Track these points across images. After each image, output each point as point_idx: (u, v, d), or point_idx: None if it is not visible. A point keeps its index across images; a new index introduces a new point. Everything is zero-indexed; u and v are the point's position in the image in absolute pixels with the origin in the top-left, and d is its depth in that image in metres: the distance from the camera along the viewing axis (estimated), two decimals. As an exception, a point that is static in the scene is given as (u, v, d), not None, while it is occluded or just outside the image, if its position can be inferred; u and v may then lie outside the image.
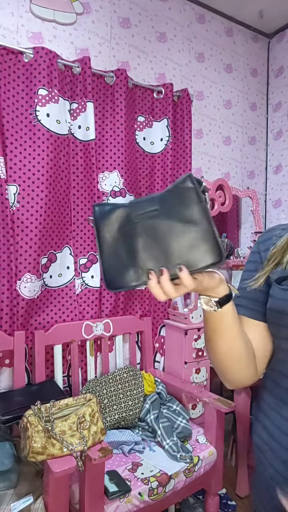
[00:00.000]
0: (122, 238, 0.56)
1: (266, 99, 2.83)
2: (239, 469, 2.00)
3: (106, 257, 0.56)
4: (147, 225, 0.55)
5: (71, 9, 1.90)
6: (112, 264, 0.56)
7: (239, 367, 0.68)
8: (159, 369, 2.15)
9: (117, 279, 0.56)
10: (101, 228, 0.57)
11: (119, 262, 0.56)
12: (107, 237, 0.56)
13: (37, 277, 1.74)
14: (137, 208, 0.56)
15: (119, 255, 0.56)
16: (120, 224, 0.56)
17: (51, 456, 1.17)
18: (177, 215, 0.54)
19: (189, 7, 2.38)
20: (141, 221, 0.55)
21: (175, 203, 0.54)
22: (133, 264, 0.55)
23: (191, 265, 0.54)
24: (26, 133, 1.71)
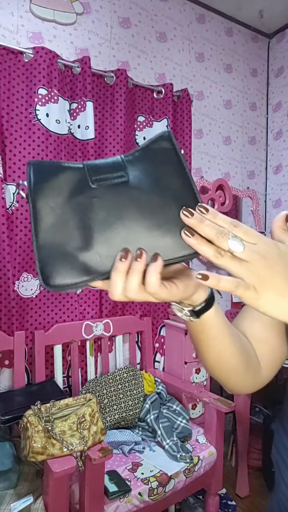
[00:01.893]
0: (69, 213, 0.39)
1: (266, 99, 2.83)
2: (239, 469, 2.00)
3: (45, 240, 0.39)
4: (109, 195, 0.39)
5: (71, 9, 1.90)
6: (53, 249, 0.38)
7: (235, 376, 0.57)
8: (159, 369, 2.15)
9: (61, 272, 0.38)
10: (38, 197, 0.39)
11: (64, 247, 0.38)
12: (46, 211, 0.39)
13: (33, 276, 1.74)
14: (95, 171, 0.41)
15: (65, 236, 0.38)
16: (69, 192, 0.39)
17: (51, 456, 1.17)
18: (151, 184, 0.40)
19: (189, 7, 2.38)
20: (100, 189, 0.40)
21: (148, 168, 0.41)
22: (86, 249, 0.38)
23: (165, 253, 0.38)
24: (26, 132, 1.71)
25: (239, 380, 0.58)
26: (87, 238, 0.39)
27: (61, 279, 0.38)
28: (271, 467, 2.18)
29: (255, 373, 0.59)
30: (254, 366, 0.58)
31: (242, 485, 1.98)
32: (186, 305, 0.46)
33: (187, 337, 1.97)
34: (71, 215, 0.39)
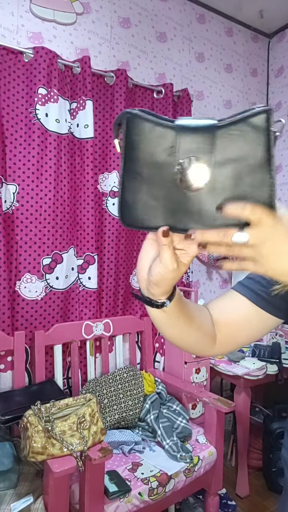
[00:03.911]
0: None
1: (266, 99, 2.83)
2: (239, 469, 2.00)
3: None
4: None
5: (71, 9, 1.90)
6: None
7: (195, 348, 0.67)
8: (159, 369, 2.15)
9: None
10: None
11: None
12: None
13: (38, 277, 1.73)
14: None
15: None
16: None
17: (51, 456, 1.17)
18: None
19: (189, 7, 2.38)
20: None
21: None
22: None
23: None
24: (26, 132, 1.71)
25: (188, 347, 0.66)
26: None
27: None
28: (271, 467, 2.19)
29: (213, 342, 0.67)
30: (213, 338, 0.66)
31: (242, 485, 1.98)
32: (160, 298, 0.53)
33: (187, 337, 1.96)
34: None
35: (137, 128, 0.41)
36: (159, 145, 0.41)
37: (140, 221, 0.44)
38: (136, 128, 0.41)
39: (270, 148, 0.39)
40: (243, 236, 0.40)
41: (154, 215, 0.43)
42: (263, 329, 0.68)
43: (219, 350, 0.69)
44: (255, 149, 0.39)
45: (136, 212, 0.44)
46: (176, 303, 0.55)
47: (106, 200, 1.97)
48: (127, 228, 0.45)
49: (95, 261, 1.90)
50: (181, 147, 0.40)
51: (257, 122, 0.39)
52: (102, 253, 1.97)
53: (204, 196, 0.41)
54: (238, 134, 0.39)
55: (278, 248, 0.41)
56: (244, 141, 0.39)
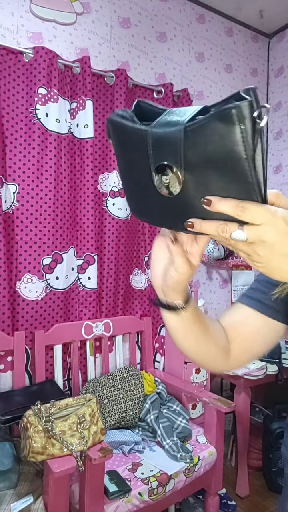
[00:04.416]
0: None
1: (266, 99, 2.83)
2: (239, 469, 2.00)
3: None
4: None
5: (71, 9, 1.90)
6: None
7: (210, 362, 0.67)
8: (159, 369, 2.15)
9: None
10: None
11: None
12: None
13: (38, 277, 1.73)
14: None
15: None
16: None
17: (51, 456, 1.17)
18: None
19: (189, 7, 2.38)
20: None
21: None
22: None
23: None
24: (26, 132, 1.71)
25: (213, 362, 0.67)
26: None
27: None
28: (271, 467, 2.19)
29: (222, 358, 0.67)
30: (220, 353, 0.66)
31: (242, 485, 1.98)
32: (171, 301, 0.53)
33: (187, 337, 1.96)
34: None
35: (118, 132, 0.41)
36: (139, 149, 0.39)
37: (143, 216, 0.46)
38: (118, 133, 0.41)
39: (248, 142, 0.33)
40: (242, 234, 0.38)
41: (153, 214, 0.44)
42: (273, 337, 0.68)
43: (233, 364, 0.69)
44: (233, 145, 0.34)
45: (139, 208, 0.46)
46: (192, 309, 0.56)
47: (106, 200, 1.97)
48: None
49: (95, 261, 1.90)
50: (154, 152, 0.38)
51: (226, 123, 0.33)
52: (102, 253, 1.97)
53: (188, 199, 0.39)
54: (212, 132, 0.34)
55: (277, 250, 0.39)
56: (216, 141, 0.34)
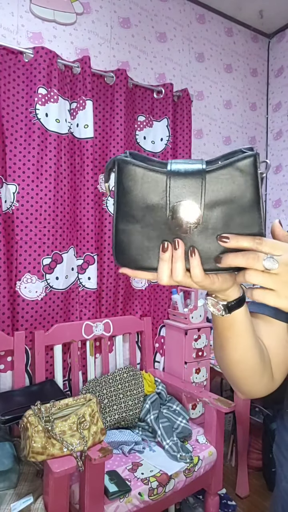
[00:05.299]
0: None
1: (266, 99, 2.83)
2: (239, 469, 2.00)
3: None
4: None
5: (71, 9, 1.90)
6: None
7: (253, 378, 0.60)
8: (159, 369, 2.15)
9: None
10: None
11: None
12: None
13: (38, 277, 1.73)
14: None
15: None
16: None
17: (51, 456, 1.17)
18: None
19: (189, 7, 2.38)
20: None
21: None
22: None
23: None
24: (26, 132, 1.71)
25: (255, 383, 0.60)
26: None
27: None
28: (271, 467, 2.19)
29: (269, 376, 0.61)
30: (269, 370, 0.61)
31: (242, 485, 1.98)
32: (221, 300, 0.51)
33: (187, 337, 1.97)
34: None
35: (129, 174, 0.43)
36: (152, 190, 0.42)
37: (134, 262, 0.46)
38: (128, 174, 0.43)
39: (258, 189, 0.41)
40: (273, 261, 0.40)
41: (148, 256, 0.45)
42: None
43: (277, 382, 0.64)
44: (244, 191, 0.41)
45: (130, 253, 0.45)
46: (245, 311, 0.53)
47: (106, 200, 1.97)
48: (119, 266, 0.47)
49: (95, 261, 1.90)
50: (172, 191, 0.42)
51: (244, 166, 0.41)
52: (102, 253, 1.97)
53: (197, 237, 0.43)
54: (227, 178, 0.41)
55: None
56: (232, 184, 0.41)
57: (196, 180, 0.41)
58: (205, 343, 2.02)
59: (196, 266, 0.43)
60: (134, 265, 0.46)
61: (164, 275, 0.44)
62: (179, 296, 2.10)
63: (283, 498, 0.66)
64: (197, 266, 0.43)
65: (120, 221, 0.45)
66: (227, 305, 0.50)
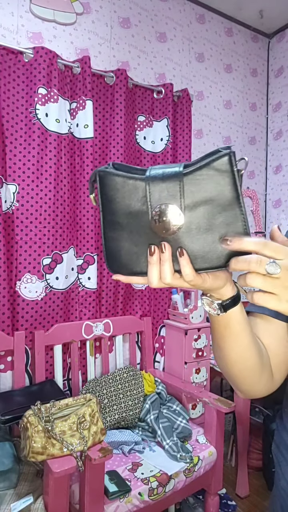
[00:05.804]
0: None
1: (266, 99, 2.83)
2: (239, 469, 2.00)
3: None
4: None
5: (71, 9, 1.90)
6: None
7: (251, 378, 0.60)
8: (159, 369, 2.15)
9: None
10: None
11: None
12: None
13: (38, 277, 1.73)
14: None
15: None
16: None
17: (51, 456, 1.17)
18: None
19: (189, 7, 2.38)
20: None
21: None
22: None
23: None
24: (26, 132, 1.71)
25: (255, 382, 0.60)
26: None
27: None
28: (271, 467, 2.19)
29: (269, 376, 0.61)
30: (268, 369, 0.61)
31: (242, 485, 1.98)
32: (216, 299, 0.51)
33: (187, 337, 1.97)
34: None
35: (110, 183, 0.45)
36: (133, 197, 0.44)
37: (125, 268, 0.47)
38: (109, 184, 0.45)
39: (236, 186, 0.42)
40: (275, 265, 0.40)
41: (138, 261, 0.46)
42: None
43: (278, 382, 0.64)
44: (222, 189, 0.42)
45: (121, 259, 0.47)
46: (240, 309, 0.53)
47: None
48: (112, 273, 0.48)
49: (95, 261, 1.90)
50: (152, 196, 0.43)
51: (220, 165, 0.41)
52: (102, 253, 1.96)
53: (183, 238, 0.44)
54: (204, 178, 0.42)
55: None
56: (210, 184, 0.42)
57: (174, 183, 0.42)
58: (205, 343, 2.02)
59: (186, 265, 0.44)
60: (126, 271, 0.47)
61: (153, 278, 0.45)
62: (179, 296, 2.10)
63: (281, 497, 0.66)
64: (187, 265, 0.44)
65: (108, 229, 0.47)
66: (222, 303, 0.51)
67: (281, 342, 0.63)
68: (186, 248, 0.44)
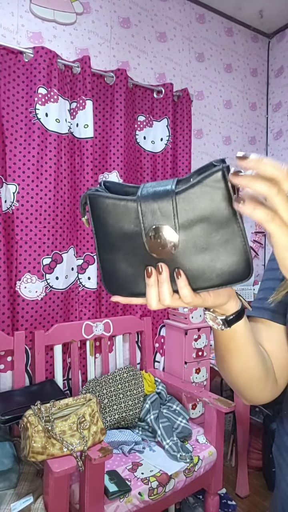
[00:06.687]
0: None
1: (266, 99, 2.83)
2: (239, 469, 2.00)
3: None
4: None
5: (71, 9, 1.90)
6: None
7: (257, 387, 0.59)
8: (159, 369, 2.15)
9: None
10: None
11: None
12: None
13: (38, 277, 1.73)
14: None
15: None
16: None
17: (51, 456, 1.17)
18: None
19: (189, 7, 2.38)
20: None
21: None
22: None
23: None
24: (26, 132, 1.71)
25: (260, 390, 0.60)
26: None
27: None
28: (271, 467, 2.19)
29: (273, 382, 0.61)
30: (272, 376, 0.60)
31: (242, 485, 1.98)
32: (220, 314, 0.49)
33: (187, 337, 1.97)
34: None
35: (101, 206, 0.43)
36: (125, 218, 0.42)
37: (123, 289, 0.46)
38: (100, 207, 0.43)
39: (232, 202, 0.40)
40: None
41: (136, 282, 0.45)
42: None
43: (281, 387, 0.63)
44: (218, 206, 0.40)
45: (118, 280, 0.46)
46: (244, 323, 0.51)
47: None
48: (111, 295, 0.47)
49: (95, 261, 1.90)
50: (145, 217, 0.41)
51: (213, 182, 0.39)
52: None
53: (180, 258, 0.42)
54: (198, 196, 0.40)
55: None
56: (204, 202, 0.40)
57: (167, 203, 0.40)
58: (205, 343, 2.02)
59: (184, 287, 0.42)
60: (125, 292, 0.46)
61: (152, 300, 0.44)
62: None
63: (283, 499, 0.66)
64: (185, 287, 0.42)
65: (103, 251, 0.45)
66: (226, 319, 0.49)
67: (283, 347, 0.63)
68: (184, 268, 0.42)
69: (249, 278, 0.42)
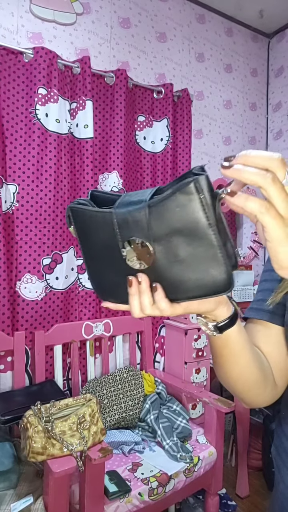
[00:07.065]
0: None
1: (266, 99, 2.83)
2: (239, 469, 2.00)
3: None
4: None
5: (71, 9, 1.90)
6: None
7: (255, 391, 0.58)
8: (159, 369, 2.15)
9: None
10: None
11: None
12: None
13: (38, 277, 1.73)
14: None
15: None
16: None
17: (51, 456, 1.17)
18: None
19: (189, 7, 2.38)
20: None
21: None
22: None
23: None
24: (26, 132, 1.71)
25: (259, 394, 0.59)
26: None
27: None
28: (271, 467, 2.19)
29: (272, 386, 0.60)
30: (271, 379, 0.60)
31: (242, 485, 1.98)
32: (211, 320, 0.49)
33: (187, 337, 1.97)
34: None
35: (82, 218, 0.44)
36: (104, 230, 0.43)
37: (111, 296, 0.47)
38: (81, 219, 0.44)
39: (206, 214, 0.38)
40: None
41: (122, 290, 0.45)
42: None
43: (281, 389, 0.63)
44: (193, 218, 0.39)
45: (105, 288, 0.47)
46: (238, 329, 0.51)
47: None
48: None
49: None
50: (121, 230, 0.41)
51: (186, 194, 0.38)
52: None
53: (160, 268, 0.42)
54: (171, 208, 0.39)
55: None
56: (179, 213, 0.39)
57: (140, 215, 0.40)
58: (205, 343, 2.02)
59: (161, 299, 0.42)
60: (114, 299, 0.47)
61: (135, 309, 0.44)
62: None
63: (280, 500, 0.66)
64: (162, 300, 0.42)
65: (89, 261, 0.47)
66: (217, 325, 0.48)
67: (281, 349, 0.62)
68: (162, 278, 0.42)
69: (230, 290, 0.41)
